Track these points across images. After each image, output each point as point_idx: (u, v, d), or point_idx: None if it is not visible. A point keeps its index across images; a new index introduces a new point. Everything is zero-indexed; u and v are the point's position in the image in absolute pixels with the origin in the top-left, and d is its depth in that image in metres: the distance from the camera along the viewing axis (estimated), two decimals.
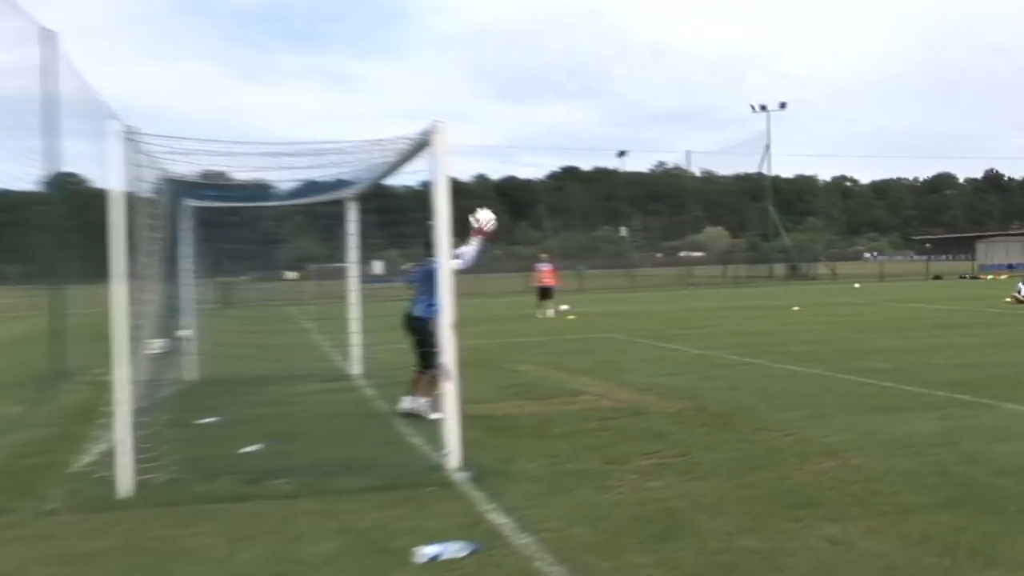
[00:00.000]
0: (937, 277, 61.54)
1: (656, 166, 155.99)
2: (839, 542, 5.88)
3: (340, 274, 15.63)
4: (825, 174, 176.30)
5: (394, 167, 10.36)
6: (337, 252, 15.23)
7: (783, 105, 78.50)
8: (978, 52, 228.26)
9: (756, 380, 13.57)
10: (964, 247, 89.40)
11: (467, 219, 9.83)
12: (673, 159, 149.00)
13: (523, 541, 6.08)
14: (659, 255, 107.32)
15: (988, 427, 9.53)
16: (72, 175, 19.57)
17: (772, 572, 5.38)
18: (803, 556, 5.63)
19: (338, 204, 15.10)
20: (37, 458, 9.31)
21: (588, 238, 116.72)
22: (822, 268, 74.84)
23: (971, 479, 7.40)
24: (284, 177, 9.80)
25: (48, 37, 15.90)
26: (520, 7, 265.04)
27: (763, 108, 78.25)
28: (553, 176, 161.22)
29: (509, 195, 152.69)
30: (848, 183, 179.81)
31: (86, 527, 6.72)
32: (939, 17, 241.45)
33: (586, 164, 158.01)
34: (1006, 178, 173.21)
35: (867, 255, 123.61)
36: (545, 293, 31.08)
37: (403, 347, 10.20)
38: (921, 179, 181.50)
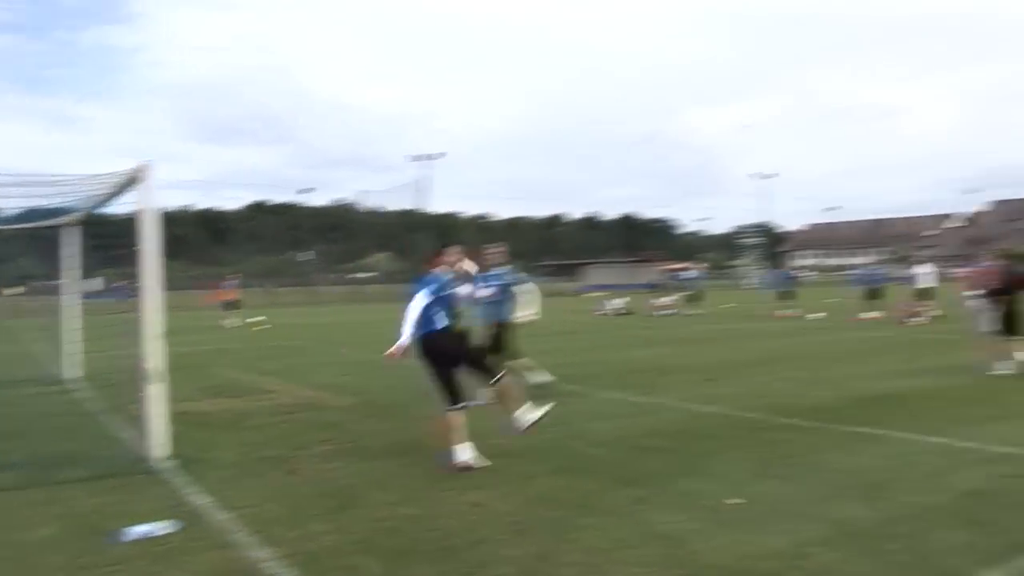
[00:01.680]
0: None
1: (334, 202, 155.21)
2: (480, 505, 6.19)
3: (59, 290, 14.70)
4: (472, 211, 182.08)
5: (109, 198, 9.97)
6: (56, 271, 14.37)
7: (437, 156, 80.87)
8: (581, 123, 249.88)
9: (409, 379, 13.78)
10: (572, 271, 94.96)
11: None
12: (348, 196, 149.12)
13: (222, 517, 5.94)
14: (335, 276, 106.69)
15: (589, 410, 10.30)
16: None
17: (427, 532, 5.57)
18: (452, 518, 5.87)
19: (59, 228, 14.04)
20: None
21: (277, 261, 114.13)
22: None
23: (577, 450, 7.99)
24: (9, 205, 9.25)
25: None
26: (222, 64, 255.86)
27: (424, 157, 79.84)
28: (248, 208, 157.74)
29: (210, 224, 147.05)
30: (487, 219, 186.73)
31: None
32: (557, 94, 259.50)
33: (276, 199, 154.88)
34: (603, 218, 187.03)
35: None
36: (232, 305, 31.65)
37: (118, 354, 9.36)
38: (542, 216, 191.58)
